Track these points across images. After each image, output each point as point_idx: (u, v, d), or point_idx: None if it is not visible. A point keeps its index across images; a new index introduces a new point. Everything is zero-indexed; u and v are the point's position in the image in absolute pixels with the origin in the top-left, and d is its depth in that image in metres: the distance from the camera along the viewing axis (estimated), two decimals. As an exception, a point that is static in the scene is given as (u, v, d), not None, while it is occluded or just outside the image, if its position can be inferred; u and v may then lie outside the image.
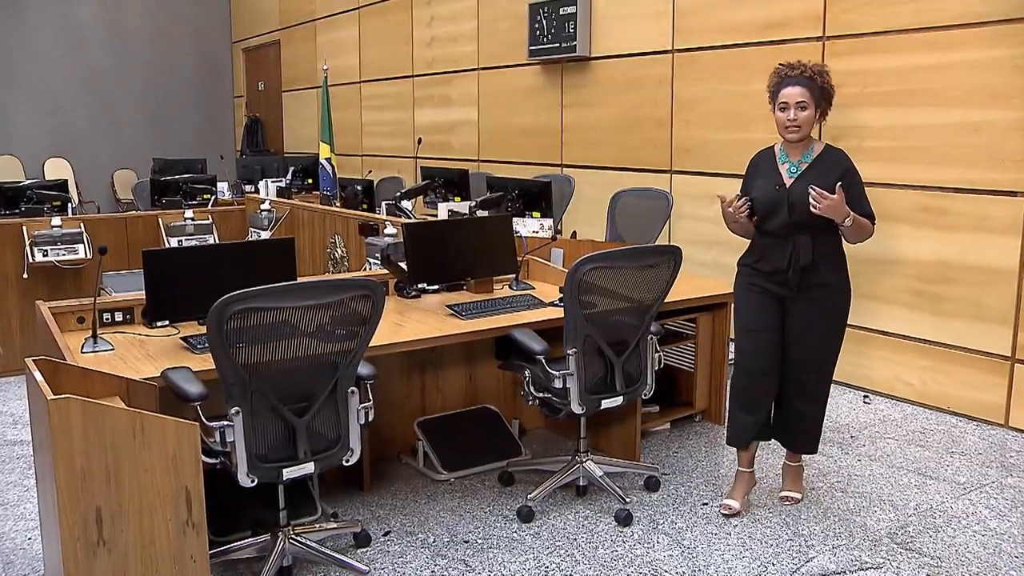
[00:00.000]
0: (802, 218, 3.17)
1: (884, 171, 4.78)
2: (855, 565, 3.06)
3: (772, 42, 5.30)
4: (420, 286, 4.01)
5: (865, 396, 4.87)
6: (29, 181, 7.11)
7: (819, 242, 3.21)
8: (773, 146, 3.36)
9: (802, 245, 3.21)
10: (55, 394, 2.32)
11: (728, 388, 4.30)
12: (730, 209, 3.26)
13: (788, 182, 3.24)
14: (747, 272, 3.39)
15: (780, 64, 3.31)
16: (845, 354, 5.03)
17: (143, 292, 3.22)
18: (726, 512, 3.41)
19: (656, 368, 3.49)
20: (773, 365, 3.33)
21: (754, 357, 3.34)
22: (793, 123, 3.20)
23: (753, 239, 3.37)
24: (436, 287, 4.09)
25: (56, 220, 5.60)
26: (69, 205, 6.40)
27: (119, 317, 3.45)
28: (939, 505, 3.52)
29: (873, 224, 3.24)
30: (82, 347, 3.12)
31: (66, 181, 6.77)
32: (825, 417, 3.45)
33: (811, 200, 3.08)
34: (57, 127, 11.47)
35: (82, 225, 5.69)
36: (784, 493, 3.56)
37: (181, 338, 3.23)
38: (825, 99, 3.25)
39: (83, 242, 5.56)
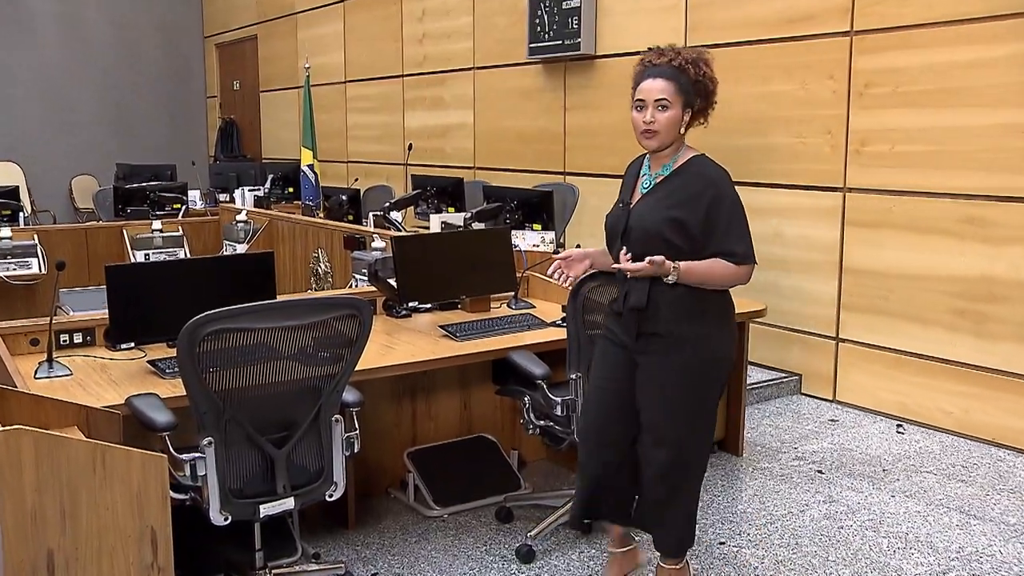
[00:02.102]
0: (636, 248, 2.69)
1: (919, 178, 4.78)
2: (892, 614, 3.04)
3: (795, 38, 5.33)
4: (411, 305, 4.01)
5: (899, 425, 4.85)
6: (-25, 188, 7.12)
7: (663, 282, 2.67)
8: (646, 154, 2.90)
9: (635, 282, 2.72)
10: (4, 425, 2.30)
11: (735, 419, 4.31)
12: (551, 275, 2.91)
13: (635, 200, 2.82)
14: (605, 313, 3.01)
15: (648, 48, 2.83)
16: (876, 378, 5.09)
17: (105, 311, 3.22)
18: None
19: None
20: (613, 423, 2.86)
21: (588, 409, 2.97)
22: (649, 126, 2.72)
23: None
24: (428, 306, 4.10)
25: (6, 231, 5.60)
26: (21, 214, 6.41)
27: (78, 339, 3.44)
28: (986, 549, 3.50)
29: (745, 264, 2.71)
30: (35, 372, 3.10)
31: (17, 188, 6.79)
32: (698, 515, 3.00)
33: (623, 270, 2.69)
34: (6, 128, 11.44)
35: (36, 237, 5.70)
36: None
37: (148, 362, 3.22)
38: (700, 95, 2.77)
39: (37, 256, 5.57)
